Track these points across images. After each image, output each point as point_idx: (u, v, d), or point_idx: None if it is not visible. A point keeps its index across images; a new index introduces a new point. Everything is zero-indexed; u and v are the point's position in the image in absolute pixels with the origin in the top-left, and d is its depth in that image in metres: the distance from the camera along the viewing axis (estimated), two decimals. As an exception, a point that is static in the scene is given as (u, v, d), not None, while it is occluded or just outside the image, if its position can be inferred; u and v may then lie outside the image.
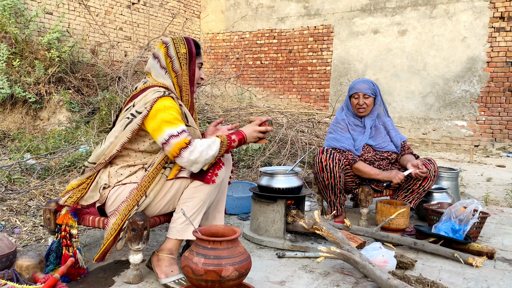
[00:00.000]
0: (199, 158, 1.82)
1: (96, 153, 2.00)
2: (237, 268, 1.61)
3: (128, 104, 1.98)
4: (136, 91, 2.01)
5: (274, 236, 2.55)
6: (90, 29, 8.51)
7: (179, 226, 1.94)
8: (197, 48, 2.06)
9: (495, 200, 3.98)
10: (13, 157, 4.27)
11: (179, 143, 1.81)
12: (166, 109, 1.85)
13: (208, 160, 1.85)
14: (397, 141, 3.12)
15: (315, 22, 10.25)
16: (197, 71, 2.08)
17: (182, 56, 2.00)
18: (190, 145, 1.81)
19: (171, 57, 2.00)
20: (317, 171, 2.90)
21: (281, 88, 10.82)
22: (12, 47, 6.50)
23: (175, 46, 2.01)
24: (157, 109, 1.85)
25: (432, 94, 9.02)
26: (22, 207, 3.06)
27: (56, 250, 1.93)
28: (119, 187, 1.95)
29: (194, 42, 2.07)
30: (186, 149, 1.81)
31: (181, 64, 2.00)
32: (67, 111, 6.34)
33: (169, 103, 1.87)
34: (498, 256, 2.48)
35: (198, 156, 1.82)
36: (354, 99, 3.05)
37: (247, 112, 6.05)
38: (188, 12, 11.38)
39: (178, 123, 1.84)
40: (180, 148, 1.81)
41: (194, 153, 1.81)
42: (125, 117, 1.93)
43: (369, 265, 1.96)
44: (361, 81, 3.06)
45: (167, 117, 1.84)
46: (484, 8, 8.41)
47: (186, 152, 1.81)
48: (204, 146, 1.83)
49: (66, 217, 1.95)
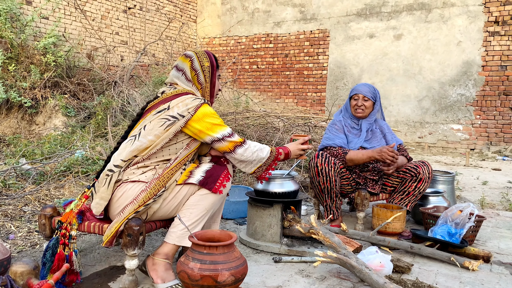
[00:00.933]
0: (251, 157, 2.03)
1: (128, 150, 1.98)
2: (233, 273, 1.60)
3: (159, 106, 2.03)
4: (167, 94, 2.07)
5: (270, 241, 2.54)
6: (86, 33, 8.51)
7: (179, 232, 1.93)
8: (216, 61, 2.21)
9: (491, 204, 3.99)
10: (8, 162, 4.25)
11: (235, 141, 2.01)
12: (212, 114, 2.01)
13: (258, 160, 2.06)
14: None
15: (311, 27, 10.30)
16: (217, 83, 2.21)
17: (206, 69, 2.14)
18: (244, 144, 2.03)
19: (196, 70, 2.12)
20: (313, 175, 2.90)
21: (278, 92, 10.85)
22: (8, 52, 6.49)
23: (199, 60, 2.13)
24: (203, 113, 1.98)
25: (428, 98, 9.06)
26: (17, 212, 3.04)
27: (53, 247, 1.92)
28: (127, 184, 1.94)
29: (213, 55, 2.21)
30: (241, 147, 2.02)
31: (205, 76, 2.14)
32: (63, 116, 6.33)
33: (210, 109, 2.03)
34: (495, 259, 2.48)
35: (250, 155, 2.03)
36: (353, 100, 3.10)
37: (244, 116, 6.05)
38: (185, 16, 11.40)
39: (227, 126, 2.04)
40: (235, 146, 2.01)
41: (248, 151, 2.03)
42: (162, 118, 1.98)
43: (365, 270, 1.96)
44: (363, 84, 3.12)
45: (216, 121, 2.01)
46: (478, 12, 8.47)
47: (240, 149, 2.02)
48: (257, 147, 2.06)
49: (70, 216, 1.94)
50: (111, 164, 1.99)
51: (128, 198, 1.91)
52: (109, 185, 1.94)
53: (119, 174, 1.96)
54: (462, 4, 8.61)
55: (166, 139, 1.97)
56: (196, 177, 1.96)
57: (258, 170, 2.10)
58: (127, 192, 1.93)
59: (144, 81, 7.43)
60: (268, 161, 2.09)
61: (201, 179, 1.95)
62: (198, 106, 1.99)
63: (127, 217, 1.85)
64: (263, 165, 2.09)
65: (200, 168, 2.01)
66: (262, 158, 2.06)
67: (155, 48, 10.26)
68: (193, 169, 2.01)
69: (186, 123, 1.98)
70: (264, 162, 2.08)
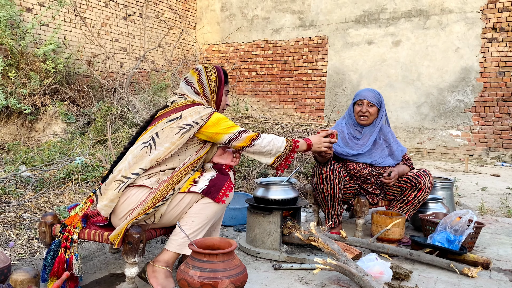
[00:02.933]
0: (268, 147, 2.11)
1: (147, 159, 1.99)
2: (233, 281, 1.61)
3: (171, 114, 2.08)
4: (178, 104, 2.14)
5: (270, 248, 2.55)
6: (86, 40, 8.54)
7: (180, 240, 1.94)
8: (225, 77, 2.27)
9: (490, 210, 4.00)
10: (8, 169, 4.25)
11: (251, 136, 2.10)
12: (225, 119, 2.10)
13: (275, 150, 2.13)
14: (398, 154, 3.08)
15: (310, 33, 10.34)
16: (224, 98, 2.28)
17: (212, 83, 2.21)
18: (260, 136, 2.12)
19: (203, 84, 2.20)
20: (316, 182, 2.88)
21: (277, 99, 10.87)
22: (8, 59, 6.51)
23: (207, 74, 2.21)
24: (217, 119, 2.07)
25: (427, 104, 9.09)
26: (17, 219, 3.04)
27: (54, 249, 1.91)
28: (131, 189, 1.95)
29: (223, 70, 2.28)
30: (257, 139, 2.10)
31: (211, 90, 2.21)
32: (62, 123, 6.34)
33: (221, 115, 2.11)
34: (494, 266, 2.49)
35: (267, 145, 2.11)
36: (357, 105, 3.01)
37: (243, 123, 6.06)
38: (184, 23, 11.46)
39: (239, 126, 2.13)
40: (252, 139, 2.09)
41: (264, 142, 2.11)
42: (176, 126, 2.03)
43: (365, 277, 1.96)
44: (368, 90, 3.02)
45: (229, 123, 2.10)
46: (476, 19, 8.52)
47: (257, 141, 2.10)
48: (272, 137, 2.15)
49: (75, 219, 1.95)
50: (128, 172, 1.97)
51: (132, 203, 1.92)
52: (119, 190, 1.94)
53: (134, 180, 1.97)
54: (460, 11, 8.67)
55: (180, 145, 2.03)
56: (200, 186, 1.98)
57: (278, 159, 2.16)
58: (131, 197, 1.93)
59: (143, 87, 7.45)
60: (286, 150, 2.16)
61: (205, 188, 1.97)
62: (211, 113, 2.07)
63: (135, 217, 1.86)
64: (282, 155, 2.16)
65: (203, 177, 2.03)
66: (279, 147, 2.14)
67: (155, 55, 10.30)
68: (196, 178, 2.03)
69: (199, 129, 2.05)
70: (283, 152, 2.15)
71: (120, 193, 1.94)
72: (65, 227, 1.95)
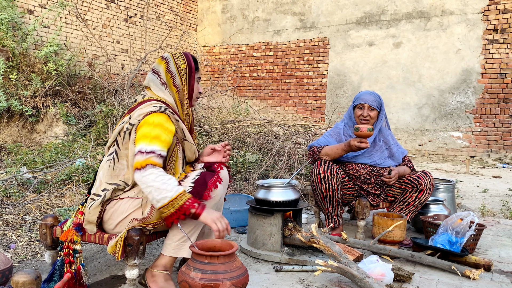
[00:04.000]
0: (145, 189, 1.77)
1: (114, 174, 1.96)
2: (234, 283, 1.61)
3: (124, 117, 2.00)
4: (134, 104, 2.03)
5: (271, 250, 2.54)
6: (87, 42, 8.56)
7: (174, 244, 1.92)
8: (196, 63, 2.09)
9: (492, 212, 3.99)
10: (9, 170, 4.26)
11: (139, 162, 1.78)
12: (153, 124, 1.84)
13: (151, 197, 1.76)
14: (399, 156, 3.09)
15: (311, 35, 10.35)
16: (196, 86, 2.10)
17: (182, 71, 2.03)
18: (144, 170, 1.76)
19: (172, 73, 2.03)
20: (315, 182, 2.88)
21: (278, 100, 10.88)
22: (9, 61, 6.52)
23: (175, 62, 2.03)
24: (145, 121, 1.86)
25: (428, 105, 9.08)
26: (18, 221, 3.04)
27: (60, 269, 1.91)
28: (117, 201, 1.94)
29: (192, 57, 2.10)
30: (139, 171, 1.77)
31: (182, 79, 2.03)
32: (63, 124, 6.35)
33: (159, 120, 1.86)
34: (495, 268, 2.48)
35: (144, 188, 1.77)
36: (358, 109, 3.00)
37: (244, 124, 6.07)
38: (185, 25, 11.47)
39: (153, 142, 1.81)
40: (135, 168, 1.79)
41: (143, 180, 1.76)
42: (122, 130, 1.94)
43: (366, 279, 1.96)
44: (368, 93, 3.00)
45: (147, 131, 1.83)
46: (477, 20, 8.52)
47: (137, 174, 1.78)
48: (156, 183, 1.74)
49: (70, 233, 1.93)
50: (98, 189, 1.95)
51: (121, 214, 1.90)
52: (90, 209, 1.92)
53: (104, 197, 1.92)
54: (461, 13, 8.67)
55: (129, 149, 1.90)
56: (186, 188, 1.87)
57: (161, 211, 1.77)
58: (119, 208, 1.92)
59: (144, 89, 7.44)
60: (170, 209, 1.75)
61: (191, 190, 1.87)
62: (148, 113, 1.88)
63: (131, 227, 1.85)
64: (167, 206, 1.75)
65: (188, 178, 1.92)
66: (157, 200, 1.75)
67: (156, 57, 10.31)
68: (182, 179, 1.93)
69: (135, 132, 1.88)
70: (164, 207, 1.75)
71: (95, 212, 1.90)
72: (62, 244, 1.94)
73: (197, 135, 5.40)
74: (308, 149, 3.07)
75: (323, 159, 2.90)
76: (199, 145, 5.14)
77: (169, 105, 2.01)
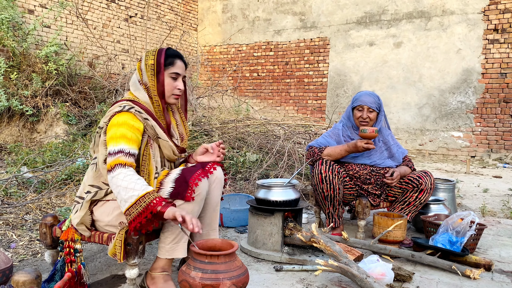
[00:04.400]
0: (114, 190, 1.75)
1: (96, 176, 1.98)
2: (234, 283, 1.61)
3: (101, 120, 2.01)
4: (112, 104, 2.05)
5: (271, 249, 2.54)
6: (87, 42, 8.56)
7: (167, 246, 1.92)
8: (172, 58, 2.00)
9: (492, 211, 3.99)
10: (9, 170, 4.26)
11: (109, 164, 1.78)
12: (117, 125, 1.84)
13: (119, 199, 1.74)
14: (399, 156, 3.09)
15: (311, 35, 10.35)
16: (169, 82, 1.99)
17: (149, 67, 1.97)
18: (113, 170, 1.76)
19: (142, 70, 2.00)
20: (316, 182, 2.87)
21: (278, 100, 10.88)
22: (10, 60, 6.52)
23: (146, 59, 2.00)
24: (111, 123, 1.86)
25: (428, 105, 9.08)
26: (19, 221, 3.04)
27: (61, 269, 1.92)
28: (104, 203, 1.94)
29: (169, 52, 2.01)
30: (110, 173, 1.77)
31: (149, 75, 1.98)
32: (64, 124, 6.35)
33: (123, 119, 1.85)
34: (496, 268, 2.48)
35: (114, 189, 1.76)
36: (357, 111, 2.98)
37: (244, 124, 6.07)
38: (185, 25, 11.47)
39: (119, 141, 1.80)
40: (107, 170, 1.79)
41: (113, 181, 1.75)
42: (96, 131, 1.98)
43: (366, 278, 1.96)
44: (367, 94, 2.98)
45: (113, 133, 1.82)
46: (478, 20, 8.51)
47: (109, 176, 1.78)
48: (124, 182, 1.72)
49: (70, 232, 1.94)
50: (82, 191, 1.97)
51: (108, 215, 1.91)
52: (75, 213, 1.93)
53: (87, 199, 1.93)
54: (462, 12, 8.66)
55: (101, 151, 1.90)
56: (166, 189, 1.84)
57: (128, 212, 1.72)
58: (105, 210, 1.93)
59: (145, 89, 7.43)
60: (137, 208, 1.70)
61: (172, 191, 1.83)
62: (113, 115, 1.87)
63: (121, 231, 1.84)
64: (127, 213, 1.72)
65: (169, 177, 1.87)
66: (123, 199, 1.72)
67: (156, 56, 10.30)
68: (163, 179, 1.88)
69: (104, 135, 1.88)
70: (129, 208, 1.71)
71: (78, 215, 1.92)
72: (63, 244, 1.94)
73: (197, 135, 5.39)
74: (307, 149, 3.06)
75: (324, 159, 2.89)
76: (199, 145, 5.14)
77: (141, 103, 1.97)
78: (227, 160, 4.77)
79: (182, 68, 2.04)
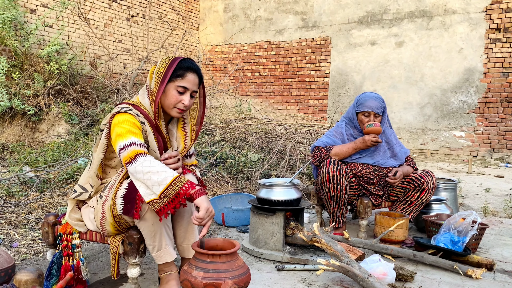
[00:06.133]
0: (142, 177, 1.72)
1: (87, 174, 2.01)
2: (236, 282, 1.61)
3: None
4: None
5: (273, 249, 2.55)
6: (89, 41, 8.57)
7: (154, 254, 1.89)
8: (183, 70, 1.91)
9: (494, 211, 3.98)
10: (11, 169, 4.27)
11: (127, 156, 1.75)
12: (119, 123, 1.83)
13: (150, 184, 1.70)
14: (401, 156, 3.08)
15: (313, 34, 10.34)
16: (174, 94, 1.90)
17: (157, 75, 1.91)
18: (135, 160, 1.73)
19: (152, 76, 1.95)
20: (323, 181, 2.85)
21: (280, 99, 10.88)
22: (12, 60, 6.53)
23: (159, 66, 1.94)
24: (113, 124, 1.85)
25: (430, 105, 9.07)
26: (21, 220, 3.05)
27: (58, 262, 1.92)
28: (86, 206, 1.97)
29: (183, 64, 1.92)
30: (130, 164, 1.74)
31: (155, 82, 1.91)
32: (66, 123, 6.36)
33: (124, 118, 1.84)
34: (498, 267, 2.48)
35: (141, 176, 1.72)
36: (364, 116, 2.95)
37: (246, 124, 6.07)
38: (187, 24, 11.47)
39: (128, 136, 1.79)
40: (125, 163, 1.76)
41: (138, 170, 1.72)
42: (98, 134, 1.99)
43: (368, 278, 1.96)
44: (373, 98, 2.94)
45: (119, 130, 1.81)
46: (480, 19, 8.50)
47: (130, 168, 1.75)
48: (153, 167, 1.71)
49: (68, 226, 1.96)
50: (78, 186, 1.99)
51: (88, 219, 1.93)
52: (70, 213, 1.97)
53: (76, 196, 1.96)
54: (464, 12, 8.65)
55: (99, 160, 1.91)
56: (118, 205, 1.78)
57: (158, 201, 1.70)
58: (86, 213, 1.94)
59: (146, 88, 7.44)
60: (171, 191, 1.69)
61: (123, 208, 1.77)
62: (112, 116, 1.87)
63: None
64: (163, 195, 1.69)
65: (119, 192, 1.80)
66: (160, 182, 1.69)
67: (158, 56, 10.32)
68: (116, 191, 1.81)
69: (106, 138, 1.88)
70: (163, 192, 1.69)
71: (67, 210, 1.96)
72: (61, 236, 1.95)
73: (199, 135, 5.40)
74: (313, 149, 3.05)
75: (332, 159, 2.88)
76: (200, 144, 5.14)
77: (141, 108, 1.93)
78: (228, 160, 4.77)
79: (193, 82, 1.93)
